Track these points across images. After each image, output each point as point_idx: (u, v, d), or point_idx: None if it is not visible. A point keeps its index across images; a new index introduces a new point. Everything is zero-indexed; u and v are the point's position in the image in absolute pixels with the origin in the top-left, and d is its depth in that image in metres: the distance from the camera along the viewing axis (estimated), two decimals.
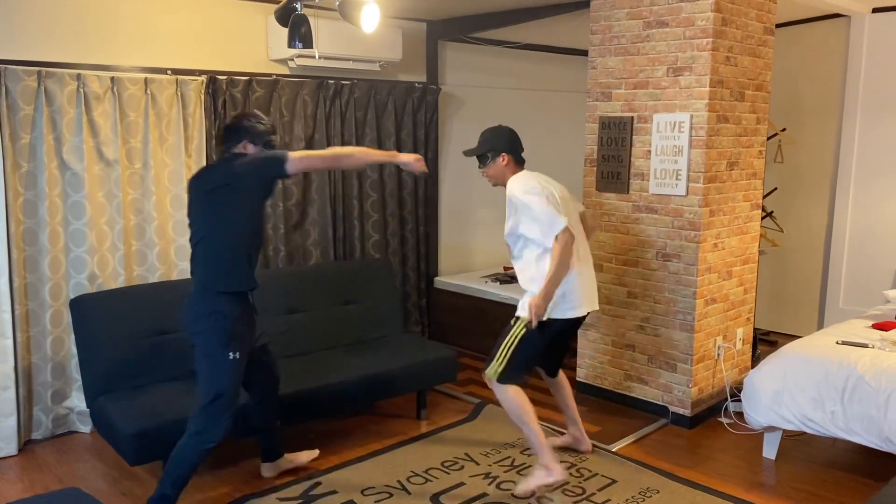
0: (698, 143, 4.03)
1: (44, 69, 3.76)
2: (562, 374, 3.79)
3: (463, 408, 4.51)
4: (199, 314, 3.04)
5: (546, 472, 3.34)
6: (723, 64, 4.03)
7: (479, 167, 3.51)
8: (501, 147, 3.43)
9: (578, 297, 3.38)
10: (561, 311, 3.35)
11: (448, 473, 3.64)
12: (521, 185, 3.33)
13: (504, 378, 3.37)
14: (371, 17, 3.32)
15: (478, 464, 3.74)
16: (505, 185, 3.42)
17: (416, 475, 3.62)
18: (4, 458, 3.78)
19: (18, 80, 3.68)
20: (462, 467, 3.71)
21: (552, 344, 3.52)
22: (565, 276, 3.25)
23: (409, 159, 3.30)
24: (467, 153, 3.53)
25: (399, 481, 3.56)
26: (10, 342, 3.75)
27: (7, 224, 3.70)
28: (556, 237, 3.19)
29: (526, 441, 3.42)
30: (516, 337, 3.35)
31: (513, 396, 3.38)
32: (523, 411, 3.37)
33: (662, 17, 4.10)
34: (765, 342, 5.72)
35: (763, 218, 5.34)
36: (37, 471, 3.67)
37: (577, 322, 3.49)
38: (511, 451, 3.87)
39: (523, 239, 3.35)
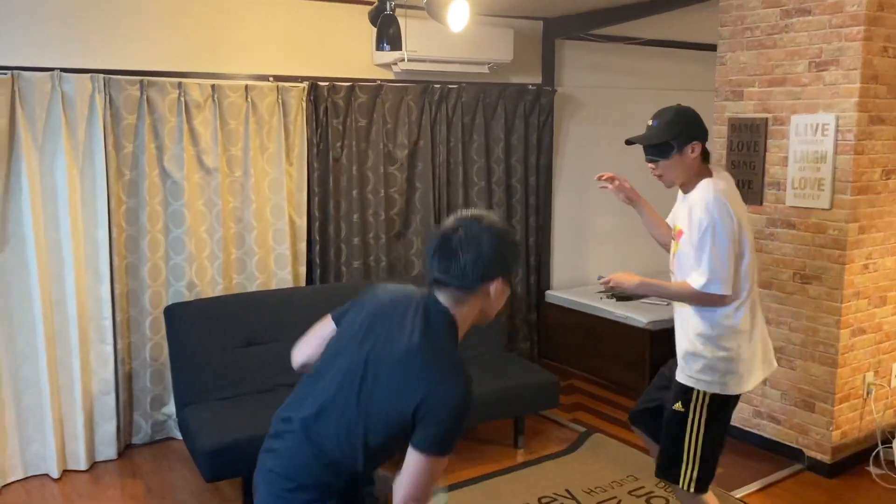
0: (846, 148, 3.49)
1: (146, 78, 3.79)
2: None
3: (567, 436, 4.15)
4: None
5: None
6: (878, 56, 3.46)
7: (652, 160, 2.58)
8: (694, 133, 2.53)
9: (758, 365, 2.67)
10: (740, 384, 2.63)
11: None
12: (720, 207, 2.48)
13: (702, 485, 2.63)
14: (459, 15, 3.07)
15: (579, 503, 3.40)
16: (681, 187, 2.64)
17: None
18: (104, 461, 3.84)
19: (121, 90, 3.73)
20: None
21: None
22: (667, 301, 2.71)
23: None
24: (636, 140, 2.60)
25: None
26: (110, 348, 3.81)
27: (109, 231, 3.76)
28: (706, 292, 2.49)
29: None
30: (699, 425, 2.61)
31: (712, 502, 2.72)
32: None
33: (804, 3, 3.59)
34: None
35: None
36: (129, 476, 3.70)
37: None
38: (618, 490, 3.50)
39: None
